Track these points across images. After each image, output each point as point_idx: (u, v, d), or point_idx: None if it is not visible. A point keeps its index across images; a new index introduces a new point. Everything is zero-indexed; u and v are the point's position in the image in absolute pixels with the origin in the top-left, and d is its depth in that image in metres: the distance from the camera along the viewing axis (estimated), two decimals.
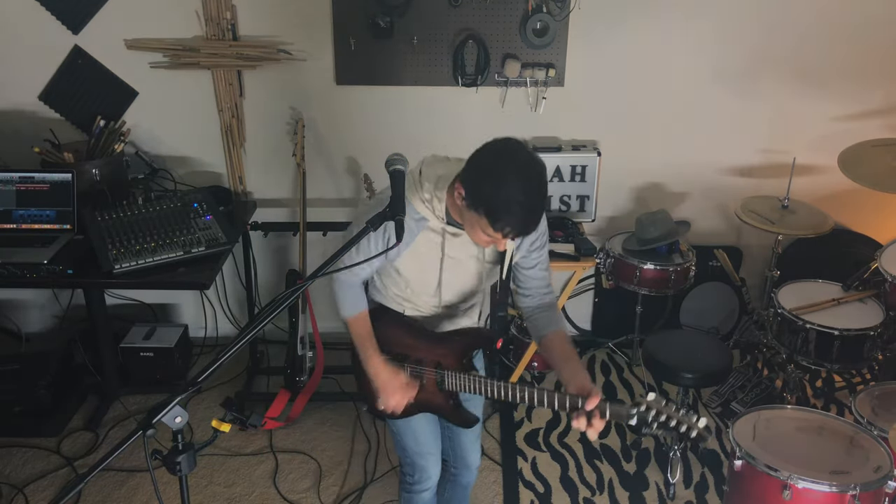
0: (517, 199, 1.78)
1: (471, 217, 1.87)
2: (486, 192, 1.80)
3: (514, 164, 1.81)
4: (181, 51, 3.41)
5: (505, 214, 1.79)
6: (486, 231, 1.85)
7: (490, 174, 1.80)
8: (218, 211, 3.17)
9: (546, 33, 3.37)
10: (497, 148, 1.85)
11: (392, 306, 2.23)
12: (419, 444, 2.34)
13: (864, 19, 3.42)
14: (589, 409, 1.85)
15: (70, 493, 1.48)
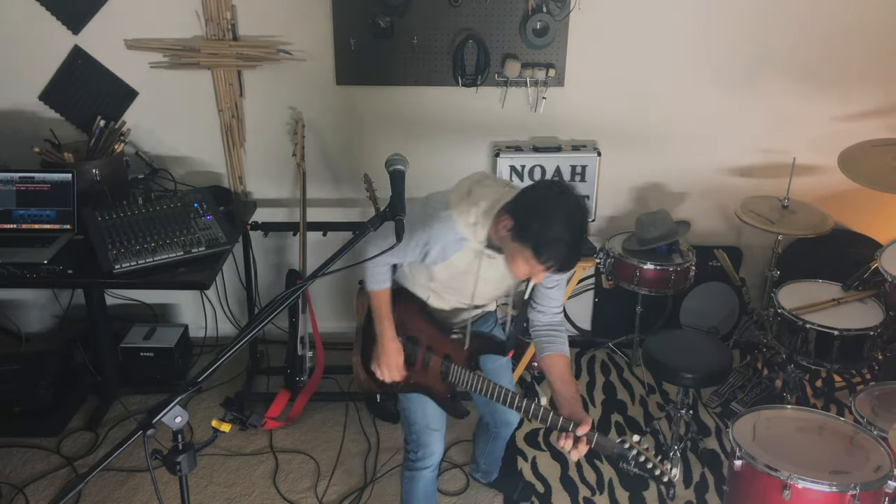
0: (564, 238, 1.94)
1: (514, 248, 2.00)
2: (534, 229, 1.94)
3: (563, 206, 1.96)
4: (181, 51, 3.42)
5: (551, 251, 1.94)
6: (528, 263, 1.98)
7: (540, 212, 1.96)
8: (218, 211, 3.17)
9: (546, 33, 3.37)
10: (547, 187, 2.02)
11: (417, 293, 2.38)
12: (427, 419, 2.44)
13: (864, 19, 3.42)
14: (579, 434, 2.06)
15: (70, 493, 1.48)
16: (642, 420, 3.43)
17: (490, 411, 2.69)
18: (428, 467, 2.49)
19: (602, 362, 3.83)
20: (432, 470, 2.51)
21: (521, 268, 2.02)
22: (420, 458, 2.48)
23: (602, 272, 3.60)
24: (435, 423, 2.45)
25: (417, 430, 2.45)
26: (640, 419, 3.44)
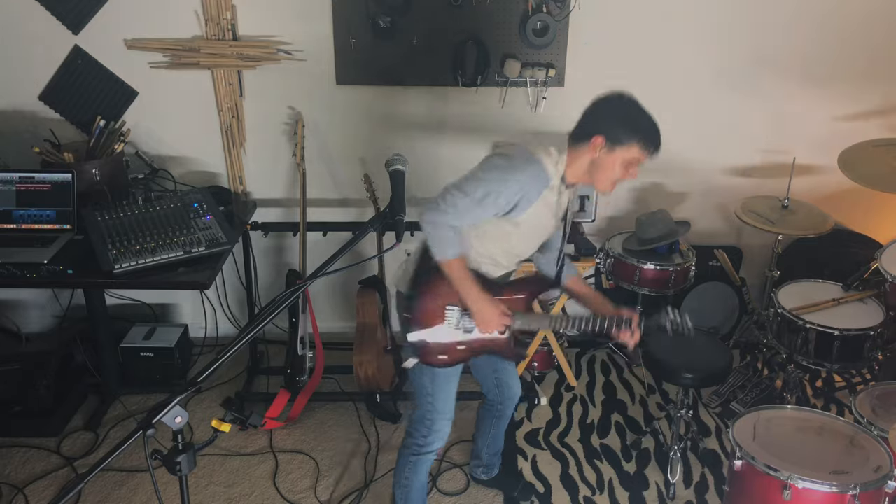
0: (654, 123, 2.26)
1: (614, 157, 2.24)
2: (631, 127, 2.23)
3: (633, 103, 2.29)
4: (181, 51, 3.42)
5: (652, 136, 2.24)
6: (634, 158, 2.23)
7: (633, 113, 2.27)
8: (218, 211, 3.17)
9: (546, 33, 3.37)
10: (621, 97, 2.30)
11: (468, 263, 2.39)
12: (447, 404, 2.52)
13: (864, 19, 3.42)
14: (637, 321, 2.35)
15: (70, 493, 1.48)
16: (642, 420, 3.43)
17: (496, 384, 2.76)
18: (433, 451, 2.58)
19: (602, 362, 3.83)
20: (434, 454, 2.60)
21: (619, 172, 2.25)
22: (429, 444, 2.55)
23: (602, 272, 3.60)
24: (452, 408, 2.56)
25: (436, 417, 2.52)
26: (640, 419, 3.44)
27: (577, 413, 3.48)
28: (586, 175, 2.31)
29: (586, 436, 3.34)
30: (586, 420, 3.44)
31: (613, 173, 2.27)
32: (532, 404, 3.51)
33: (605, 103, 2.31)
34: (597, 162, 2.27)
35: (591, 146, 2.25)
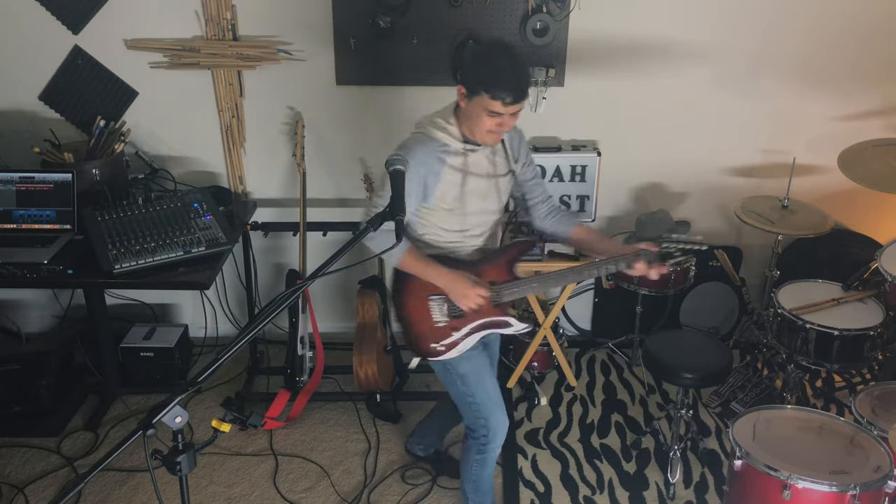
0: (503, 67, 2.15)
1: (474, 108, 2.19)
2: (479, 72, 2.17)
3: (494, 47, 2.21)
4: (181, 51, 3.42)
5: (499, 80, 2.13)
6: (488, 107, 2.16)
7: (479, 59, 2.21)
8: (218, 211, 3.17)
9: (546, 33, 3.37)
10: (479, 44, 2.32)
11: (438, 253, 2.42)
12: (490, 396, 2.50)
13: (863, 19, 3.42)
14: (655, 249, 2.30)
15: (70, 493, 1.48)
16: (642, 420, 3.43)
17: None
18: (499, 445, 2.57)
19: (602, 362, 3.83)
20: (501, 444, 2.59)
21: (486, 122, 2.19)
22: (491, 439, 2.53)
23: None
24: (497, 399, 2.52)
25: (485, 411, 2.50)
26: (640, 419, 3.44)
27: (577, 413, 3.48)
28: (469, 126, 2.28)
29: (586, 436, 3.34)
30: (586, 420, 3.44)
31: (482, 123, 2.22)
32: (532, 404, 3.51)
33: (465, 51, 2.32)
34: (466, 112, 2.24)
35: (458, 97, 2.24)
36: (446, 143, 2.28)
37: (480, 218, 2.42)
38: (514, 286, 2.41)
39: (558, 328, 3.67)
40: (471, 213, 2.38)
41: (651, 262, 2.29)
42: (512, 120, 2.24)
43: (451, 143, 2.28)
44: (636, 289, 3.40)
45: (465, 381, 2.49)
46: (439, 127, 2.28)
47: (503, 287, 2.41)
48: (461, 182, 2.31)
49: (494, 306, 2.43)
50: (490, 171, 2.37)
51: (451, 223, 2.38)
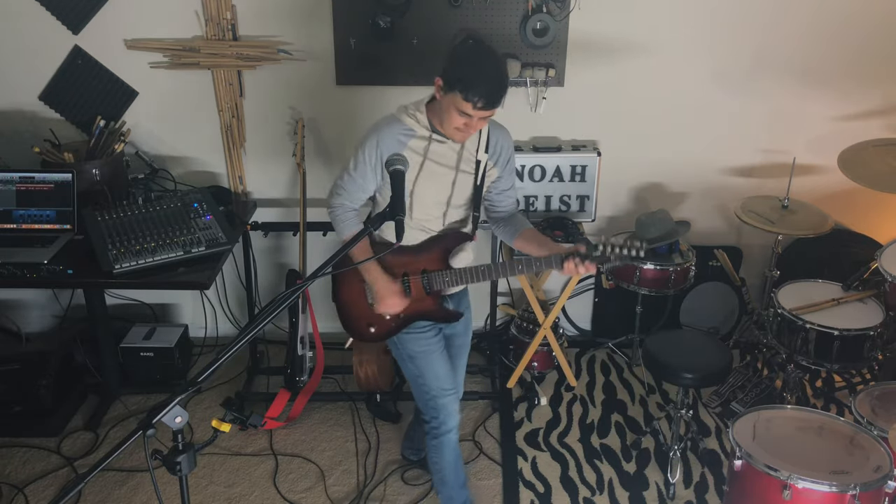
0: (483, 72, 2.15)
1: (447, 103, 2.20)
2: (459, 70, 2.17)
3: (480, 51, 2.20)
4: (181, 51, 3.42)
5: (475, 84, 2.13)
6: (459, 107, 2.16)
7: (462, 58, 2.19)
8: (218, 211, 3.17)
9: (546, 33, 3.37)
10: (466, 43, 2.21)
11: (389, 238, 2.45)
12: (440, 380, 2.54)
13: (863, 19, 3.42)
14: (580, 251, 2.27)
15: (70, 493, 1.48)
16: (642, 420, 3.43)
17: None
18: (451, 430, 2.58)
19: (602, 362, 3.83)
20: (455, 432, 2.61)
21: (455, 119, 2.20)
22: (442, 423, 2.56)
23: (602, 272, 3.60)
24: (448, 382, 2.56)
25: (433, 395, 2.54)
26: (640, 419, 3.44)
27: (577, 413, 3.48)
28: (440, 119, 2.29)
29: (586, 436, 3.34)
30: (586, 420, 3.44)
31: (451, 119, 2.23)
32: (532, 404, 3.51)
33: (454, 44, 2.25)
34: (441, 104, 2.25)
35: (436, 88, 2.25)
36: (412, 129, 2.32)
37: (431, 209, 2.42)
38: (445, 276, 2.45)
39: (558, 328, 3.68)
40: (420, 199, 2.38)
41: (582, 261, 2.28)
42: (480, 123, 2.24)
43: (417, 128, 2.32)
44: (636, 289, 3.40)
45: (414, 361, 2.54)
46: (408, 113, 2.33)
47: (434, 276, 2.46)
48: (418, 167, 2.33)
49: (427, 294, 2.48)
50: (453, 163, 2.38)
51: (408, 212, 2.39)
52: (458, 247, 2.50)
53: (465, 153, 2.38)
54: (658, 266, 3.34)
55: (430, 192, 2.39)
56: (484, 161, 2.42)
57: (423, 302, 2.49)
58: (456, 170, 2.39)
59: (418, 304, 2.49)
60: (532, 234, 2.49)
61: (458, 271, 2.46)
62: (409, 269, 2.47)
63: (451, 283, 2.47)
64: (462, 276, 2.46)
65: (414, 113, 2.33)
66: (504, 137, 2.47)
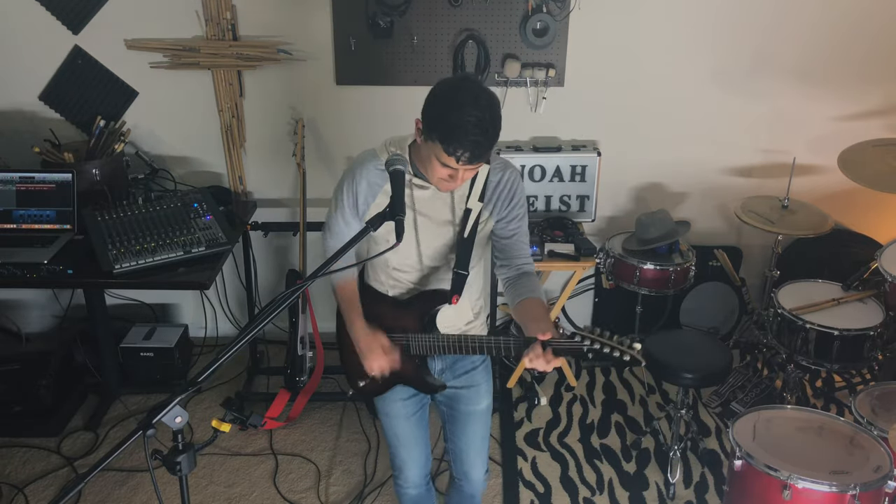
0: (468, 119, 1.82)
1: (427, 151, 1.91)
2: (439, 117, 1.85)
3: (465, 92, 1.86)
4: (181, 51, 3.42)
5: (457, 135, 1.82)
6: (440, 158, 1.88)
7: (443, 101, 1.87)
8: (218, 211, 3.17)
9: (546, 33, 3.37)
10: (450, 80, 1.92)
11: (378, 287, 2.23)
12: (399, 443, 2.35)
13: (864, 19, 3.42)
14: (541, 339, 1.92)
15: (70, 493, 1.48)
16: (642, 420, 3.43)
17: (454, 455, 2.43)
18: (408, 489, 2.41)
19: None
20: (415, 492, 2.42)
21: (438, 170, 1.92)
22: (397, 477, 2.41)
23: (602, 272, 3.60)
24: (407, 448, 2.34)
25: (392, 452, 2.38)
26: (640, 419, 3.44)
27: (577, 413, 3.48)
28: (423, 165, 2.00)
29: (586, 436, 3.34)
30: (586, 420, 3.44)
31: (434, 170, 1.93)
32: (532, 404, 3.51)
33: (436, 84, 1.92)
34: (421, 150, 1.96)
35: (416, 130, 1.96)
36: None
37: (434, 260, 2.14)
38: (421, 340, 2.14)
39: (558, 328, 3.66)
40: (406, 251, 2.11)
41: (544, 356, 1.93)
42: (468, 174, 1.95)
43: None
44: (636, 289, 3.40)
45: (381, 419, 2.36)
46: (388, 150, 2.06)
47: (413, 338, 2.15)
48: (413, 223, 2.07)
49: (408, 357, 2.18)
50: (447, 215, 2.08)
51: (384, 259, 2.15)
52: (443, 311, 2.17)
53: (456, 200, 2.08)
54: (658, 266, 3.34)
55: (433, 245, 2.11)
56: (476, 210, 2.08)
57: (403, 364, 2.18)
58: (452, 223, 2.09)
59: (402, 366, 2.19)
60: (532, 307, 2.06)
61: (435, 337, 2.13)
62: (391, 325, 2.18)
63: (429, 349, 2.14)
64: (437, 344, 2.13)
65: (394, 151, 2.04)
66: (508, 180, 2.10)
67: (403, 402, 2.30)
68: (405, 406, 2.30)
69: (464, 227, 2.09)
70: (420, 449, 2.37)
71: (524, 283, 2.14)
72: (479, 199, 2.08)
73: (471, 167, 1.90)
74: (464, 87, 1.87)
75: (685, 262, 3.38)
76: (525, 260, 2.18)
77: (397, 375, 2.22)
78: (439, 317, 2.18)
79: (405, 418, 2.31)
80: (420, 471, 2.40)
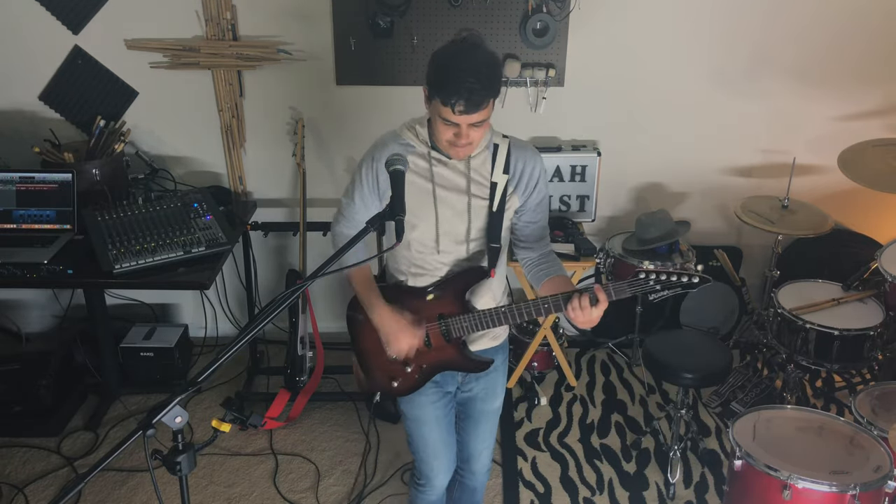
0: (463, 68, 1.84)
1: (432, 112, 1.94)
2: (436, 72, 1.89)
3: (462, 47, 1.90)
4: (181, 51, 3.42)
5: (452, 83, 1.84)
6: (441, 114, 1.89)
7: (441, 56, 1.91)
8: (218, 211, 3.17)
9: (546, 33, 3.37)
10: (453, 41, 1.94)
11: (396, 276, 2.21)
12: (429, 451, 2.31)
13: (863, 19, 3.42)
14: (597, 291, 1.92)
15: (70, 493, 1.48)
16: (642, 420, 3.43)
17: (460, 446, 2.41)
18: (430, 495, 2.39)
19: (602, 362, 3.83)
20: (435, 497, 2.40)
21: (442, 131, 1.93)
22: (424, 485, 2.38)
23: (602, 272, 3.60)
24: (435, 454, 2.30)
25: (419, 459, 2.34)
26: (640, 419, 3.44)
27: (577, 413, 3.48)
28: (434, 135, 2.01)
29: (586, 436, 3.34)
30: (586, 420, 3.44)
31: (440, 131, 1.95)
32: (532, 404, 3.51)
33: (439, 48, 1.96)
34: (431, 117, 1.98)
35: (424, 94, 1.96)
36: (410, 143, 2.06)
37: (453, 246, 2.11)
38: (465, 320, 2.10)
39: (558, 328, 3.67)
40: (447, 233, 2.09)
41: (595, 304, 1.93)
42: (472, 132, 1.92)
43: (416, 144, 2.06)
44: None
45: (406, 422, 2.30)
46: (408, 126, 2.09)
47: (452, 321, 2.11)
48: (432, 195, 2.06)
49: (447, 342, 2.14)
50: (463, 186, 2.07)
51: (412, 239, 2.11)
52: (475, 286, 2.15)
53: (474, 175, 2.06)
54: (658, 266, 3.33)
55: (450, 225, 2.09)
56: (502, 184, 2.08)
57: (444, 351, 2.15)
58: (468, 194, 2.07)
59: (440, 354, 2.16)
60: (561, 282, 2.11)
61: (479, 314, 2.09)
62: (422, 315, 2.13)
63: (471, 328, 2.11)
64: (483, 320, 2.09)
65: (414, 126, 2.07)
66: (530, 159, 2.10)
67: (434, 404, 2.25)
68: (435, 409, 2.26)
69: (492, 201, 2.08)
70: (450, 455, 2.35)
71: (551, 262, 2.18)
72: (504, 171, 2.08)
73: (470, 118, 1.88)
74: (462, 43, 1.91)
75: (685, 262, 3.38)
76: (546, 241, 2.22)
77: (440, 364, 2.19)
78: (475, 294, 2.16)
79: (436, 422, 2.27)
80: (447, 477, 2.38)
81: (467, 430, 2.37)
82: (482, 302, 2.18)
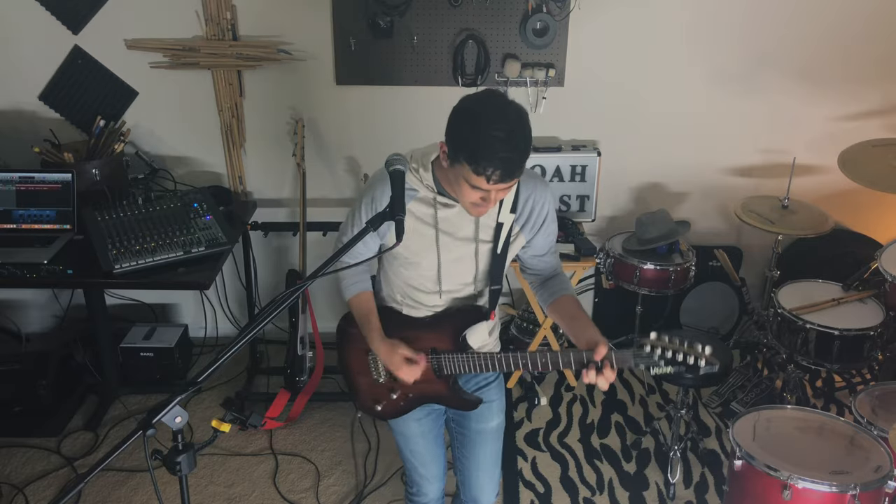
0: (495, 135, 1.72)
1: (455, 175, 1.82)
2: (465, 136, 1.76)
3: (490, 106, 1.77)
4: (181, 51, 3.42)
5: (485, 153, 1.72)
6: (470, 181, 1.77)
7: (467, 118, 1.77)
8: (218, 211, 3.17)
9: (546, 33, 3.37)
10: (473, 96, 1.82)
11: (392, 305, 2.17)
12: (415, 459, 2.30)
13: (863, 19, 3.42)
14: (598, 359, 1.84)
15: (70, 493, 1.48)
16: (642, 420, 3.43)
17: (463, 478, 2.37)
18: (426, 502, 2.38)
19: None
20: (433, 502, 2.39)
21: (469, 194, 1.81)
22: (414, 495, 2.39)
23: (602, 272, 3.60)
24: (423, 465, 2.30)
25: (409, 468, 2.34)
26: (640, 419, 3.44)
27: (577, 413, 3.48)
28: (450, 187, 1.89)
29: (586, 436, 3.34)
30: (586, 420, 3.44)
31: (464, 194, 1.83)
32: (532, 404, 3.51)
33: (460, 101, 1.82)
34: (448, 175, 1.86)
35: (441, 153, 1.85)
36: (413, 188, 1.94)
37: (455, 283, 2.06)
38: (459, 360, 2.05)
39: (558, 328, 3.67)
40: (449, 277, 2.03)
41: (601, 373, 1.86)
42: (501, 194, 1.83)
43: (419, 188, 1.95)
44: (636, 289, 3.40)
45: (396, 437, 2.28)
46: (410, 168, 1.94)
47: (445, 357, 2.06)
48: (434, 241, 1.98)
49: (438, 378, 2.09)
50: (471, 233, 1.99)
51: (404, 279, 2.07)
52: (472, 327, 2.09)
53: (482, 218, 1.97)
54: (658, 266, 3.34)
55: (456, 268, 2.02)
56: (508, 223, 1.99)
57: (433, 385, 2.10)
58: (475, 241, 1.99)
59: (428, 387, 2.11)
60: (568, 304, 2.06)
61: (474, 357, 2.04)
62: (415, 347, 2.06)
63: (464, 368, 2.06)
64: (477, 363, 2.04)
65: (417, 168, 1.94)
66: (539, 196, 2.01)
67: (419, 421, 2.23)
68: (421, 425, 2.24)
69: (496, 243, 2.00)
70: (438, 465, 2.33)
71: (557, 281, 2.13)
72: (511, 210, 1.99)
73: (503, 186, 1.79)
74: (488, 101, 1.77)
75: (685, 262, 3.38)
76: (557, 268, 2.17)
77: (426, 396, 2.15)
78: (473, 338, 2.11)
79: (422, 436, 2.25)
80: (438, 485, 2.36)
81: (465, 454, 2.30)
82: (476, 337, 2.12)
